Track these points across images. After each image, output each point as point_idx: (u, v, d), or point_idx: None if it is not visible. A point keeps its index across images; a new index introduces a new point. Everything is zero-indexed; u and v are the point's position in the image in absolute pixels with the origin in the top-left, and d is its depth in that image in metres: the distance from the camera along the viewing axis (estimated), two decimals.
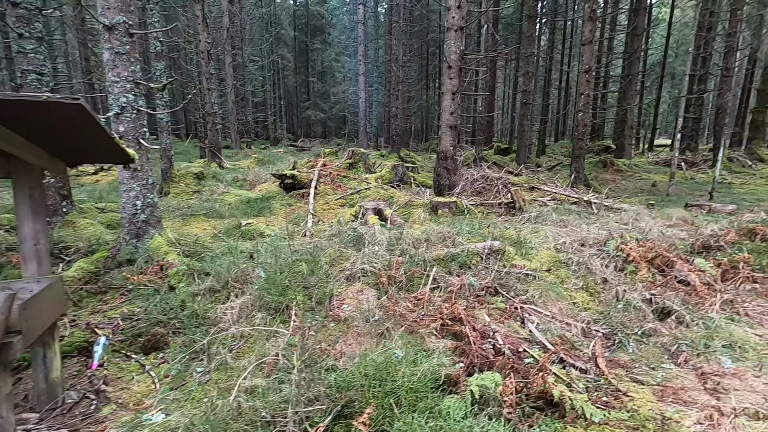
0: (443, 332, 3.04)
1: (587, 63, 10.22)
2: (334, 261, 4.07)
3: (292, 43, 32.41)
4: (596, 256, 4.24)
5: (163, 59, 7.87)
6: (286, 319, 3.19)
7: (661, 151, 21.17)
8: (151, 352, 3.09)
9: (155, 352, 3.10)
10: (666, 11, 28.71)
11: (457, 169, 9.08)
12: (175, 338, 3.17)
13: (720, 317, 3.34)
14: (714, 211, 7.41)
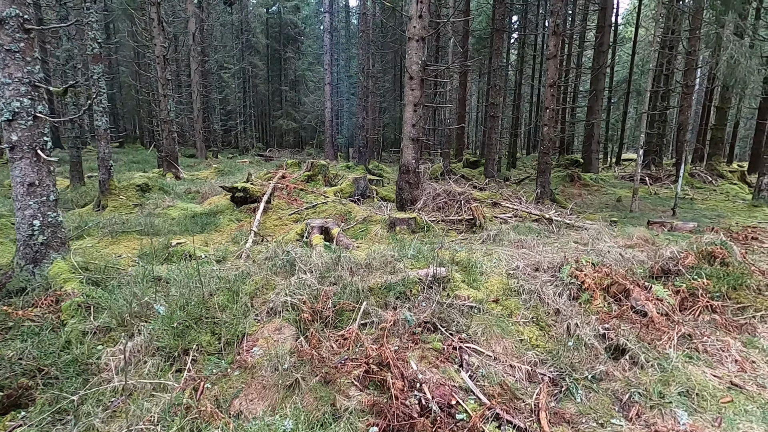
0: (366, 381, 2.61)
1: (552, 77, 10.14)
2: (259, 291, 3.59)
3: (264, 51, 31.86)
4: (550, 283, 3.91)
5: (101, 62, 7.26)
6: (183, 366, 2.69)
7: (628, 166, 21.56)
8: (9, 410, 2.53)
9: (15, 410, 2.54)
10: (631, 30, 29.68)
11: (419, 183, 8.74)
12: (44, 392, 2.62)
13: (677, 355, 3.03)
14: (675, 229, 7.29)
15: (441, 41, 17.01)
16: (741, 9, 10.42)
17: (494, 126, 14.13)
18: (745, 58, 9.22)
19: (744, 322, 3.57)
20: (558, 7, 10.15)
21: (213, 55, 24.34)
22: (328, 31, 19.24)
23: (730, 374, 2.93)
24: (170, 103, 12.15)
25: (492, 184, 12.20)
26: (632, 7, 36.05)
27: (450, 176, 12.35)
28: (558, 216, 7.33)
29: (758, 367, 3.04)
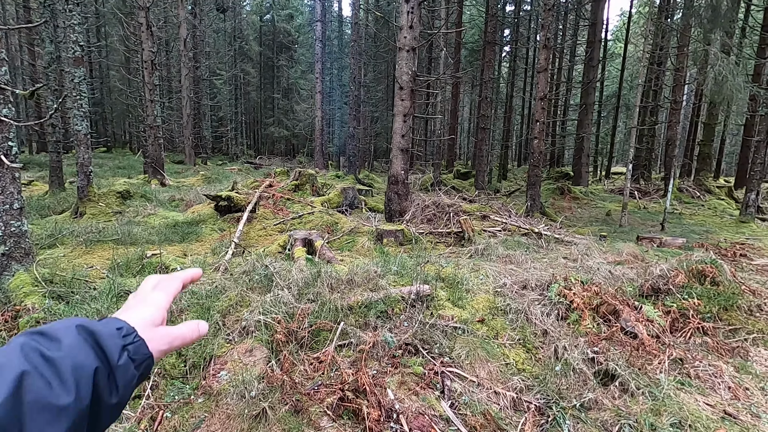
0: (340, 410, 2.43)
1: (542, 90, 10.14)
2: (233, 308, 3.40)
3: (257, 59, 31.79)
4: (538, 302, 3.78)
5: (82, 65, 7.07)
6: (142, 392, 2.49)
7: (617, 179, 21.73)
8: None
9: None
10: (621, 46, 30.22)
11: (408, 194, 8.62)
12: None
13: (669, 381, 2.90)
14: (665, 245, 7.24)
15: (433, 52, 17.08)
16: (728, 27, 10.58)
17: (485, 138, 14.13)
18: (731, 75, 9.31)
19: (736, 345, 3.46)
20: (548, 22, 10.21)
21: (205, 62, 24.19)
22: (319, 40, 19.23)
23: (723, 402, 2.80)
24: (157, 108, 11.94)
25: (482, 196, 12.13)
26: (621, 24, 36.82)
27: (440, 187, 12.26)
28: (547, 230, 7.24)
29: (752, 395, 2.92)
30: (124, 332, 0.49)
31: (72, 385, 0.42)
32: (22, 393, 0.39)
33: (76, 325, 0.47)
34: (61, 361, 0.43)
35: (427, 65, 17.29)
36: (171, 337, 0.55)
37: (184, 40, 18.37)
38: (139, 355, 0.49)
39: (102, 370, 0.45)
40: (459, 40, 18.31)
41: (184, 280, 0.63)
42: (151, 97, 11.81)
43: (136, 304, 0.57)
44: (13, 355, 0.42)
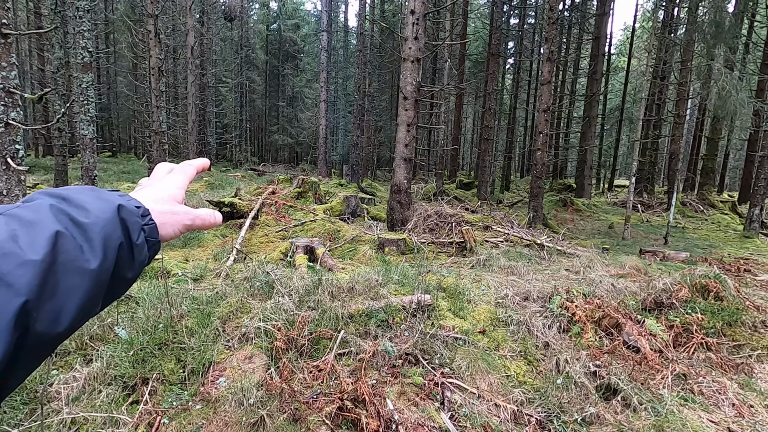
0: (339, 419, 2.41)
1: (545, 103, 10.19)
2: (233, 314, 3.39)
3: (263, 67, 32.12)
4: (539, 314, 3.75)
5: (90, 71, 7.16)
6: (140, 397, 2.48)
7: (620, 192, 21.70)
8: None
9: None
10: (624, 59, 30.41)
11: (410, 203, 8.62)
12: None
13: (672, 397, 2.86)
14: (668, 259, 7.20)
15: (438, 63, 17.23)
16: (731, 43, 10.64)
17: (488, 149, 14.17)
18: (735, 90, 9.34)
19: (740, 362, 3.42)
20: (552, 35, 10.29)
21: (211, 69, 24.46)
22: (325, 49, 19.44)
23: (728, 420, 2.76)
24: (163, 114, 12.05)
25: (484, 206, 12.12)
26: (625, 38, 37.08)
27: (443, 197, 12.27)
28: (549, 242, 7.21)
29: (756, 413, 2.88)
30: (141, 212, 0.49)
31: (100, 252, 0.42)
32: (57, 252, 0.39)
33: (100, 196, 0.47)
34: (92, 227, 0.43)
35: (432, 76, 17.43)
36: (193, 215, 0.56)
37: (192, 48, 18.59)
38: (153, 237, 0.49)
39: (124, 246, 0.45)
40: (463, 51, 18.47)
41: (197, 167, 0.64)
42: (158, 103, 11.92)
43: (152, 184, 0.58)
44: (43, 213, 0.41)
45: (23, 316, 0.35)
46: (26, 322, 0.35)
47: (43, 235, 0.39)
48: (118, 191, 0.50)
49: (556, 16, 10.30)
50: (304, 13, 37.53)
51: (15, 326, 0.34)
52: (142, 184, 0.60)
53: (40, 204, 0.43)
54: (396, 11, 24.70)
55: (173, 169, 0.62)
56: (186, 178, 0.60)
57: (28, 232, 0.39)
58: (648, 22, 27.94)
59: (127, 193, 0.53)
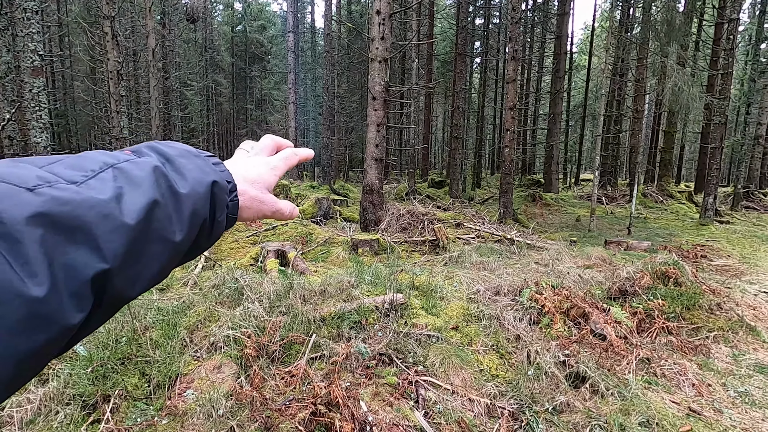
0: (312, 425, 2.37)
1: (512, 101, 10.42)
2: (201, 323, 3.29)
3: (229, 69, 31.45)
4: (510, 308, 3.82)
5: (42, 75, 6.80)
6: (101, 415, 2.36)
7: (586, 186, 22.45)
8: None
9: None
10: (586, 58, 31.49)
11: (383, 203, 8.63)
12: None
13: (636, 381, 2.97)
14: (631, 248, 7.49)
15: (406, 63, 17.33)
16: (682, 41, 11.18)
17: (458, 147, 14.36)
18: (687, 86, 9.83)
19: (699, 344, 3.59)
20: (516, 34, 10.53)
21: (175, 72, 23.73)
22: (292, 50, 19.23)
23: (688, 399, 2.89)
24: (124, 119, 11.59)
25: (456, 204, 12.28)
26: (585, 37, 38.37)
27: (415, 196, 12.35)
28: (520, 236, 7.37)
29: (714, 391, 3.03)
30: (230, 188, 0.48)
31: (186, 225, 0.42)
32: (151, 220, 0.38)
33: (199, 166, 0.45)
34: (185, 200, 0.42)
35: (401, 76, 17.52)
36: (275, 207, 0.56)
37: (153, 51, 17.97)
38: (233, 214, 0.49)
39: (207, 222, 0.45)
40: (431, 51, 18.66)
41: (300, 158, 0.62)
42: (118, 108, 11.45)
43: (253, 158, 0.57)
44: (147, 174, 0.40)
45: (102, 281, 0.34)
46: (103, 286, 0.35)
47: (143, 199, 0.38)
48: (214, 158, 0.49)
49: (519, 15, 10.55)
50: (270, 14, 36.97)
51: (92, 289, 0.33)
52: (245, 148, 0.60)
53: (146, 163, 0.41)
54: (363, 12, 24.68)
55: (279, 147, 0.61)
56: (287, 167, 0.59)
57: (131, 194, 0.37)
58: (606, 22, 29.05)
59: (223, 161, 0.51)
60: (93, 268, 0.33)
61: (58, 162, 0.38)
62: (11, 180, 0.32)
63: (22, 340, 0.29)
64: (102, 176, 0.38)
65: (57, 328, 0.31)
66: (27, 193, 0.32)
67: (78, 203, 0.34)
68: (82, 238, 0.33)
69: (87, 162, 0.39)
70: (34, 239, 0.30)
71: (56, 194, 0.33)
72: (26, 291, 0.29)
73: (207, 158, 0.48)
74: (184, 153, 0.46)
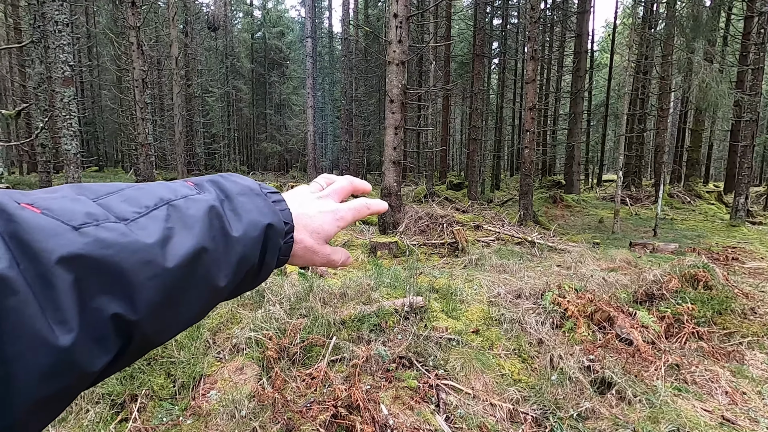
0: (333, 427, 2.37)
1: (531, 101, 10.28)
2: (223, 325, 3.35)
3: (249, 75, 32.04)
4: (532, 311, 3.76)
5: (72, 85, 7.07)
6: (129, 414, 2.42)
7: (609, 186, 21.93)
8: None
9: None
10: (607, 56, 30.84)
11: (401, 206, 8.62)
12: None
13: (666, 388, 2.87)
14: (657, 250, 7.27)
15: (423, 66, 17.31)
16: (709, 36, 10.83)
17: (477, 148, 14.24)
18: (715, 82, 9.50)
19: (732, 349, 3.45)
20: (535, 34, 10.40)
21: (197, 79, 24.33)
22: (310, 55, 19.45)
23: (721, 408, 2.78)
24: (149, 126, 11.94)
25: (475, 206, 12.17)
26: (607, 35, 37.62)
27: (433, 199, 12.30)
28: (541, 238, 7.25)
29: (749, 399, 2.90)
30: (287, 229, 0.45)
31: (232, 272, 0.39)
32: (197, 265, 0.36)
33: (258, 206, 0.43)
34: (236, 243, 0.40)
35: (418, 78, 17.51)
36: (328, 259, 0.52)
37: (176, 59, 18.47)
38: (285, 257, 0.46)
39: (255, 267, 0.42)
40: (448, 53, 18.60)
41: (372, 210, 0.56)
42: (143, 116, 11.80)
43: (322, 206, 0.52)
44: (201, 214, 0.38)
45: (129, 328, 0.32)
46: (131, 333, 0.32)
47: (191, 244, 0.36)
48: (276, 195, 0.47)
49: (537, 15, 10.41)
50: (289, 20, 37.53)
51: (118, 336, 0.32)
52: (320, 182, 0.55)
53: (204, 201, 0.39)
54: (380, 15, 24.80)
55: (356, 191, 0.57)
56: (353, 220, 0.54)
57: (180, 236, 0.35)
58: (628, 19, 28.39)
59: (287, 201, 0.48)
60: (120, 316, 0.31)
61: (116, 193, 0.36)
62: (60, 216, 0.31)
63: (41, 388, 0.28)
64: (155, 214, 0.36)
65: (78, 375, 0.30)
66: (72, 233, 0.30)
67: (121, 247, 0.32)
68: (116, 286, 0.31)
69: (144, 196, 0.37)
70: (69, 283, 0.29)
71: (101, 235, 0.31)
72: (53, 340, 0.28)
73: (268, 196, 0.45)
74: (245, 190, 0.44)
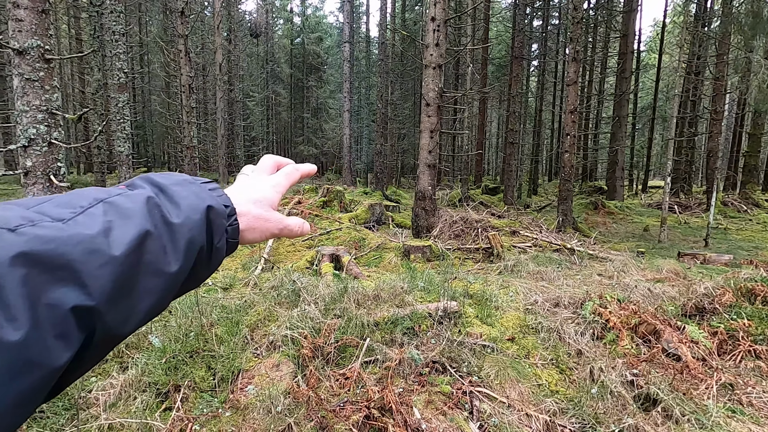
0: (366, 428, 2.39)
1: (572, 104, 9.96)
2: (261, 322, 3.44)
3: (287, 80, 32.91)
4: (571, 321, 3.63)
5: (126, 91, 7.52)
6: (172, 404, 2.54)
7: (655, 193, 20.86)
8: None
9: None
10: (655, 56, 29.42)
11: (435, 209, 8.57)
12: (29, 429, 2.51)
13: (718, 408, 2.70)
14: (709, 262, 6.84)
15: (460, 68, 17.16)
16: None
17: (513, 152, 13.94)
18: None
19: None
20: (577, 35, 10.08)
21: (239, 84, 25.25)
22: (347, 60, 19.73)
23: None
24: (194, 129, 12.50)
25: (511, 211, 11.90)
26: (655, 34, 35.91)
27: (468, 203, 12.14)
28: (580, 246, 7.00)
29: None
30: (228, 212, 0.47)
31: (182, 255, 0.41)
32: (143, 252, 0.37)
33: (195, 192, 0.45)
34: (179, 228, 0.41)
35: (454, 81, 17.37)
36: (283, 225, 0.55)
37: (220, 65, 19.25)
38: (233, 239, 0.48)
39: (204, 249, 0.44)
40: (485, 56, 18.34)
41: (302, 173, 0.62)
42: (188, 119, 12.37)
43: (254, 179, 0.56)
44: (139, 206, 0.39)
45: (89, 318, 0.33)
46: (92, 323, 0.33)
47: (134, 231, 0.37)
48: (211, 184, 0.49)
49: (580, 15, 10.09)
50: (327, 25, 38.29)
51: (79, 327, 0.32)
52: (245, 172, 0.59)
53: (139, 194, 0.41)
54: (417, 19, 24.83)
55: (279, 166, 0.61)
56: (289, 183, 0.59)
57: (121, 226, 0.37)
58: (679, 17, 26.96)
59: (223, 187, 0.51)
60: (78, 307, 0.32)
61: (48, 201, 0.37)
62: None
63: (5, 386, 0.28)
64: (91, 211, 0.36)
65: (40, 371, 0.30)
66: (9, 234, 0.31)
67: (63, 240, 0.32)
68: (66, 276, 0.32)
69: (77, 199, 0.38)
70: (16, 281, 0.29)
71: (40, 233, 0.32)
72: (3, 336, 0.28)
73: (203, 184, 0.47)
74: (179, 181, 0.46)
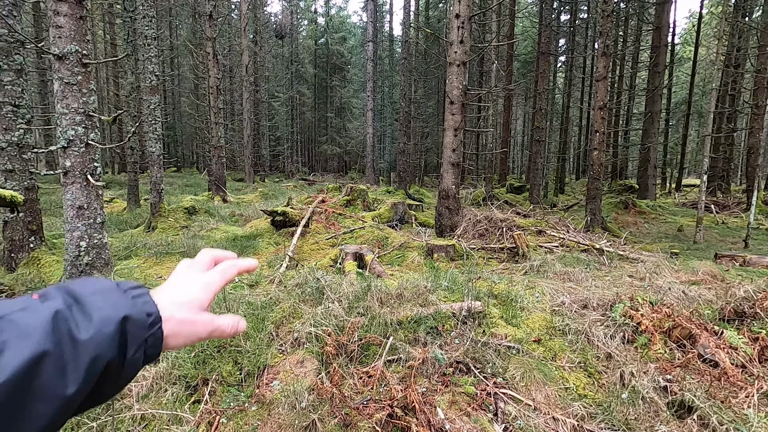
0: (389, 426, 2.39)
1: (602, 100, 9.66)
2: (286, 319, 3.50)
3: (311, 80, 33.29)
4: (600, 323, 3.52)
5: (157, 93, 7.76)
6: (202, 397, 2.61)
7: (690, 192, 20.02)
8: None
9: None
10: (690, 49, 28.20)
11: (459, 208, 8.49)
12: None
13: (759, 417, 2.56)
14: (749, 264, 6.51)
15: (485, 66, 16.93)
16: None
17: (539, 150, 13.65)
18: None
19: None
20: (607, 29, 9.77)
21: (264, 85, 25.70)
22: (371, 59, 19.78)
23: None
24: (221, 130, 12.80)
25: (537, 210, 11.66)
26: (690, 26, 34.43)
27: (492, 202, 11.97)
28: (610, 246, 6.79)
29: None
30: (151, 320, 0.44)
31: (82, 375, 0.38)
32: (35, 375, 0.35)
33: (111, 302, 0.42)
34: (85, 345, 0.39)
35: (479, 79, 17.16)
36: (212, 327, 0.51)
37: (246, 66, 19.64)
38: (153, 349, 0.45)
39: (113, 363, 0.41)
40: (511, 52, 18.02)
41: (240, 269, 0.59)
42: (216, 120, 12.68)
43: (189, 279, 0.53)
44: (42, 323, 0.37)
45: None
46: None
47: (27, 353, 0.35)
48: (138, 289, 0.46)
49: (611, 8, 9.77)
50: (350, 25, 38.50)
51: None
52: (180, 272, 0.54)
53: (45, 309, 0.39)
54: (441, 17, 24.65)
55: (217, 261, 0.57)
56: (224, 281, 0.56)
57: (15, 346, 0.35)
58: (717, 7, 25.73)
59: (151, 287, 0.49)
60: None
61: None
62: None
63: None
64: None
65: None
66: None
67: None
68: None
69: None
70: None
71: None
72: None
73: (129, 290, 0.45)
74: (99, 290, 0.43)
